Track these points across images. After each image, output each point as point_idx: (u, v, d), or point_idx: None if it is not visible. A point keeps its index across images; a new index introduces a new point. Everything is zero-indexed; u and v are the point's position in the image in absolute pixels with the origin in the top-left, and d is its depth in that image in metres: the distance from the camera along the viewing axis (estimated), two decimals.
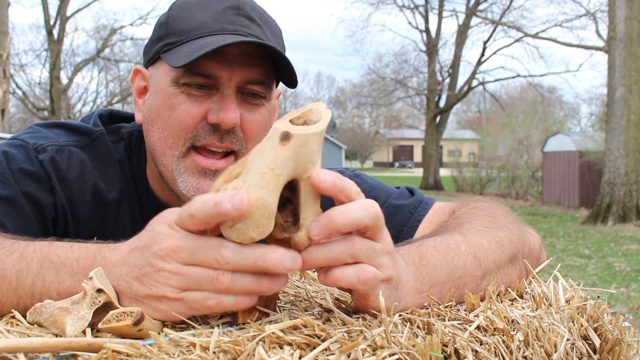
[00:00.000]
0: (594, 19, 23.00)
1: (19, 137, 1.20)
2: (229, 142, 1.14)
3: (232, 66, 1.12)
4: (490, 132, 32.04)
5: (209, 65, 1.11)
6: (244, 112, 1.15)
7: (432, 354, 0.67)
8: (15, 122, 37.96)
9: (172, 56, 1.12)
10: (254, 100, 1.17)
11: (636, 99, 13.29)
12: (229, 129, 1.13)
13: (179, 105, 1.13)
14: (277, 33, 1.21)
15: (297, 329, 0.70)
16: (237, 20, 1.14)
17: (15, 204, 1.11)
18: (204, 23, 1.13)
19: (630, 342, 0.88)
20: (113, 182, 1.22)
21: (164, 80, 1.16)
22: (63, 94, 27.59)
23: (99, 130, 1.25)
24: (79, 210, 1.19)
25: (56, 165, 1.16)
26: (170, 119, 1.14)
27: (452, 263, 0.88)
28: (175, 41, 1.14)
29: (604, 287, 6.82)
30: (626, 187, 13.36)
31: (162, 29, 1.18)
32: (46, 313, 0.72)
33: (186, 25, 1.14)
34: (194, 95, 1.14)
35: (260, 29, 1.15)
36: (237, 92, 1.15)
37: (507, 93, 45.85)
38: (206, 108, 1.13)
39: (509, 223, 1.05)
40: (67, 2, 26.02)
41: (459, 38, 29.02)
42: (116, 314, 0.69)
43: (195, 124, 1.14)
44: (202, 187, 1.14)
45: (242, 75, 1.13)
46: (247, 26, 1.14)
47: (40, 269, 0.83)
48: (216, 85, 1.13)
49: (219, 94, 1.14)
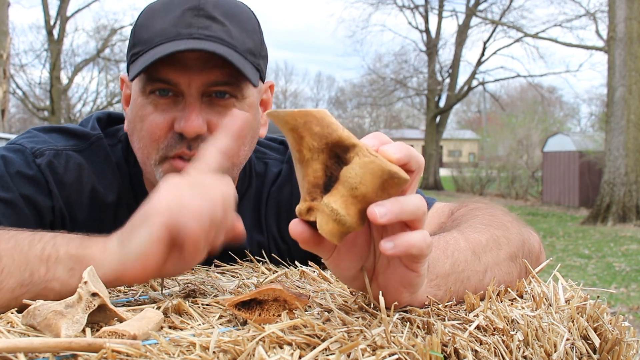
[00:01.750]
0: (594, 19, 23.00)
1: (17, 141, 1.20)
2: (198, 149, 1.11)
3: (189, 72, 1.10)
4: (490, 132, 32.06)
5: (166, 71, 1.10)
6: (212, 117, 1.13)
7: (431, 354, 0.67)
8: (15, 122, 37.97)
9: (133, 67, 1.12)
10: (222, 101, 1.14)
11: (636, 99, 13.28)
12: (194, 137, 1.11)
13: (147, 117, 1.13)
14: (249, 27, 1.17)
15: (297, 328, 0.70)
16: (195, 22, 1.11)
17: (14, 206, 1.12)
18: (162, 30, 1.11)
19: (630, 342, 0.88)
20: (111, 186, 1.22)
21: (136, 90, 1.16)
22: (63, 94, 27.59)
23: (97, 134, 1.25)
24: (76, 213, 1.20)
25: (54, 169, 1.17)
26: (142, 131, 1.14)
27: (452, 256, 0.88)
28: (138, 51, 1.13)
29: (604, 287, 6.82)
30: (626, 187, 13.36)
31: (131, 39, 1.17)
32: (40, 316, 0.72)
33: (147, 34, 1.13)
34: (161, 105, 1.13)
35: (222, 26, 1.12)
36: (203, 96, 1.13)
37: (507, 93, 45.84)
38: (172, 117, 1.12)
39: (507, 222, 1.04)
40: (67, 2, 26.02)
41: (459, 38, 29.02)
42: (108, 332, 0.68)
43: (164, 134, 1.13)
44: None
45: (202, 80, 1.11)
46: (205, 27, 1.11)
47: (54, 237, 0.86)
48: (180, 91, 1.12)
49: (184, 101, 1.12)
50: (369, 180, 0.68)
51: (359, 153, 0.68)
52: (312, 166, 0.70)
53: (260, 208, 1.32)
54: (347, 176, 0.68)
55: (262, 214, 1.32)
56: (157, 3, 1.17)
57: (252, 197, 1.32)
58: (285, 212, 1.32)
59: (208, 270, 1.13)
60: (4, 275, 0.83)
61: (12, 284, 0.83)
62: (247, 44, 1.15)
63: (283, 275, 1.06)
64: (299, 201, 0.71)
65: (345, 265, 0.78)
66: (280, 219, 1.32)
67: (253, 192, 1.32)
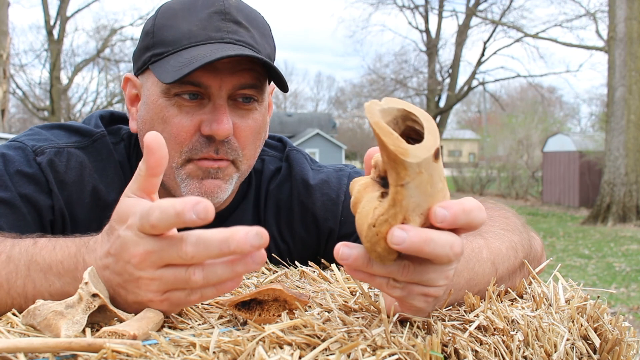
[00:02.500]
0: (594, 19, 22.98)
1: (18, 139, 1.20)
2: (224, 153, 1.13)
3: (221, 75, 1.11)
4: (490, 132, 32.05)
5: (199, 75, 1.10)
6: (237, 120, 1.14)
7: (432, 354, 0.67)
8: (15, 122, 37.95)
9: (160, 69, 1.11)
10: (246, 105, 1.15)
11: (636, 99, 13.28)
12: (223, 139, 1.12)
13: (171, 119, 1.12)
14: (266, 32, 1.19)
15: (297, 328, 0.70)
16: (223, 26, 1.11)
17: (12, 205, 1.11)
18: (190, 32, 1.11)
19: (630, 342, 0.88)
20: (113, 184, 1.22)
21: (155, 91, 1.14)
22: (63, 94, 27.58)
23: (100, 132, 1.24)
24: (77, 212, 1.19)
25: (54, 168, 1.16)
26: (164, 133, 1.12)
27: (472, 270, 0.87)
28: (162, 52, 1.12)
29: (604, 287, 6.82)
30: (626, 187, 13.36)
31: (149, 38, 1.15)
32: (40, 316, 0.72)
33: (172, 35, 1.12)
34: (186, 107, 1.12)
35: (247, 31, 1.13)
36: (229, 99, 1.13)
37: (507, 93, 45.82)
38: (199, 120, 1.12)
39: (520, 226, 1.05)
40: (67, 2, 26.00)
41: (459, 38, 29.01)
42: (108, 332, 0.68)
43: (189, 137, 1.12)
44: (206, 186, 1.14)
45: (233, 83, 1.12)
46: (234, 32, 1.12)
47: (29, 271, 0.83)
48: (207, 94, 1.12)
49: (210, 104, 1.12)
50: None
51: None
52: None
53: (259, 206, 1.32)
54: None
55: (262, 212, 1.31)
56: (175, 3, 1.16)
57: (252, 195, 1.32)
58: (285, 211, 1.31)
59: None
60: None
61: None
62: (267, 49, 1.17)
63: (283, 276, 1.05)
64: (298, 200, 0.71)
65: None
66: (279, 218, 1.31)
67: (253, 190, 1.32)
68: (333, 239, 1.29)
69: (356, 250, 0.68)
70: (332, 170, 1.34)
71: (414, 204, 0.66)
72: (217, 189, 1.14)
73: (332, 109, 54.90)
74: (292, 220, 1.31)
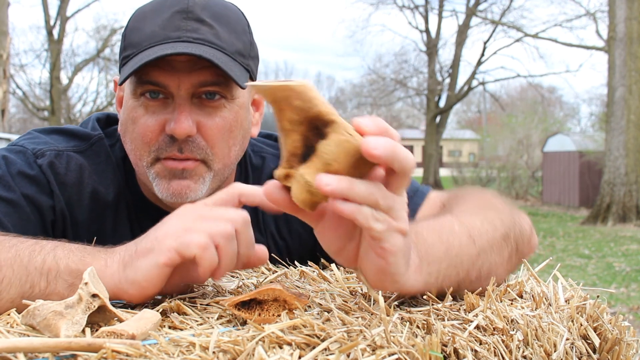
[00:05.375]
0: (594, 19, 22.97)
1: (18, 142, 1.22)
2: (189, 151, 1.13)
3: (178, 74, 1.11)
4: (490, 132, 32.05)
5: (156, 75, 1.11)
6: (202, 118, 1.14)
7: (431, 354, 0.67)
8: (15, 122, 37.94)
9: (123, 71, 1.14)
10: (212, 102, 1.14)
11: (636, 99, 13.28)
12: (186, 139, 1.13)
13: (138, 119, 1.14)
14: (238, 28, 1.18)
15: (296, 328, 0.70)
16: (183, 25, 1.12)
17: (16, 205, 1.12)
18: (152, 33, 1.12)
19: (629, 342, 0.88)
20: (112, 185, 1.23)
21: (127, 93, 1.17)
22: (63, 94, 27.57)
23: (98, 135, 1.26)
24: (77, 214, 1.20)
25: (55, 170, 1.18)
26: (134, 133, 1.15)
27: (447, 242, 0.88)
28: (129, 54, 1.14)
29: (604, 287, 6.82)
30: (626, 187, 13.35)
31: (122, 42, 1.18)
32: (39, 316, 0.72)
33: (138, 37, 1.14)
34: (151, 107, 1.13)
35: (211, 29, 1.13)
36: (193, 98, 1.13)
37: (507, 93, 45.78)
38: (163, 119, 1.13)
39: (498, 204, 1.06)
40: (67, 2, 25.99)
41: (459, 38, 29.01)
42: (106, 332, 0.68)
43: (155, 137, 1.14)
44: (173, 186, 1.14)
45: (191, 81, 1.12)
46: (193, 30, 1.12)
47: (54, 248, 0.87)
48: (170, 93, 1.13)
49: (173, 103, 1.13)
50: (343, 158, 0.71)
51: (337, 130, 0.71)
52: (291, 137, 0.73)
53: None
54: (323, 151, 0.72)
55: (260, 211, 1.31)
56: (147, 5, 1.18)
57: None
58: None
59: None
60: (4, 285, 0.84)
61: (12, 295, 0.84)
62: (235, 45, 1.15)
63: (283, 275, 1.06)
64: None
65: (329, 238, 0.81)
66: (278, 216, 1.32)
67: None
68: None
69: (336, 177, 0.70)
70: None
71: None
72: (185, 189, 1.14)
73: None
74: (290, 217, 1.31)
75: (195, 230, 0.83)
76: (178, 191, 1.14)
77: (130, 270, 0.83)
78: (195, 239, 0.82)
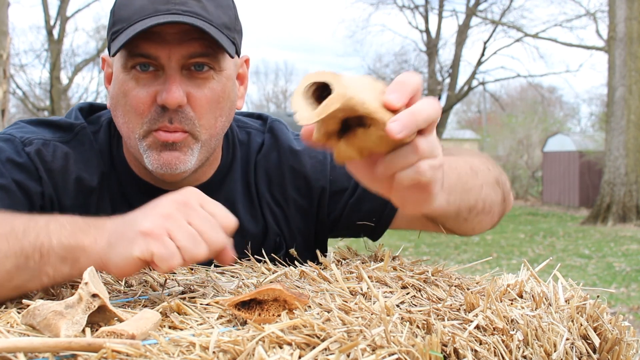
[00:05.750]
0: (594, 19, 22.97)
1: (6, 132, 1.26)
2: (178, 122, 1.16)
3: (169, 45, 1.14)
4: (490, 132, 32.05)
5: (147, 46, 1.14)
6: (192, 89, 1.17)
7: (431, 354, 0.67)
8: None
9: (113, 45, 1.17)
10: (201, 74, 1.17)
11: (636, 99, 13.28)
12: (176, 109, 1.16)
13: (130, 92, 1.17)
14: (222, 3, 1.21)
15: (296, 328, 0.70)
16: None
17: (8, 190, 1.16)
18: (141, 8, 1.15)
19: (629, 342, 0.88)
20: (96, 172, 1.27)
21: (117, 67, 1.20)
22: (63, 94, 27.56)
23: (80, 124, 1.30)
24: (63, 199, 1.25)
25: (42, 157, 1.22)
26: (126, 105, 1.18)
27: (457, 170, 1.01)
28: (119, 29, 1.17)
29: (604, 287, 6.81)
30: (626, 187, 13.35)
31: (111, 18, 1.21)
32: (39, 316, 0.72)
33: (127, 12, 1.17)
34: (142, 79, 1.16)
35: (198, 2, 1.16)
36: (183, 69, 1.17)
37: (507, 93, 45.76)
38: (154, 91, 1.16)
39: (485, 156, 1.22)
40: (67, 3, 25.99)
41: (459, 38, 29.01)
42: (106, 332, 0.68)
43: (147, 108, 1.17)
44: (163, 157, 1.18)
45: (181, 53, 1.15)
46: (182, 3, 1.15)
47: (47, 223, 0.92)
48: (160, 65, 1.16)
49: (164, 74, 1.16)
50: (384, 147, 0.81)
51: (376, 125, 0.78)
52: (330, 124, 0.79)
53: (249, 177, 1.36)
54: (366, 140, 0.79)
55: (252, 182, 1.35)
56: None
57: (239, 166, 1.36)
58: (276, 178, 1.35)
59: (208, 270, 1.13)
60: (1, 257, 0.89)
61: (9, 267, 0.89)
62: (222, 18, 1.18)
63: (283, 275, 1.06)
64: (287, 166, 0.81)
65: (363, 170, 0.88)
66: (271, 185, 1.36)
67: (239, 161, 1.36)
68: (325, 198, 1.35)
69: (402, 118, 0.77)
70: None
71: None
72: (175, 160, 1.17)
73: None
74: (284, 184, 1.35)
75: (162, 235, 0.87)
76: (168, 162, 1.17)
77: (112, 253, 0.89)
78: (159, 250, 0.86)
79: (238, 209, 1.32)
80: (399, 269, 1.09)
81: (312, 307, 0.82)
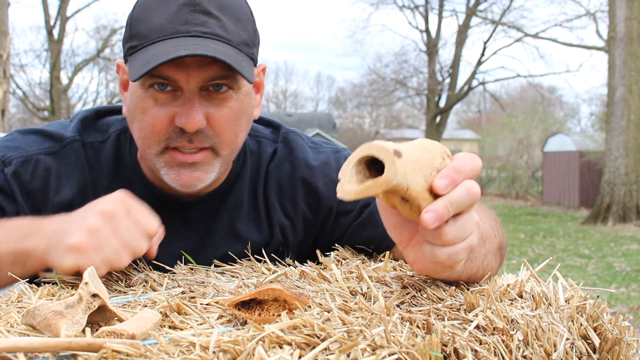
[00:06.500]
0: (594, 19, 22.97)
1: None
2: (199, 141, 1.16)
3: (188, 69, 1.13)
4: (490, 132, 32.04)
5: (165, 69, 1.12)
6: (211, 110, 1.16)
7: (431, 354, 0.67)
8: (15, 122, 37.90)
9: (131, 64, 1.16)
10: (220, 94, 1.16)
11: (636, 99, 13.28)
12: (195, 131, 1.15)
13: (148, 110, 1.16)
14: (242, 16, 1.19)
15: (296, 328, 0.70)
16: (190, 19, 1.13)
17: None
18: (160, 26, 1.13)
19: (629, 342, 0.88)
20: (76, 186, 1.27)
21: (134, 82, 1.18)
22: (63, 94, 27.56)
23: (71, 137, 1.29)
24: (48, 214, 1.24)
25: (19, 178, 1.24)
26: (143, 122, 1.17)
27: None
28: (136, 45, 1.15)
29: (604, 287, 6.81)
30: (626, 187, 13.36)
31: (127, 30, 1.20)
32: (39, 316, 0.72)
33: (144, 29, 1.15)
34: (161, 99, 1.15)
35: (217, 21, 1.14)
36: (201, 90, 1.15)
37: (507, 93, 45.75)
38: (173, 111, 1.15)
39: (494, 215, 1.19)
40: (67, 3, 25.99)
41: (459, 38, 29.00)
42: (106, 332, 0.68)
43: (165, 128, 1.16)
44: (183, 178, 1.18)
45: (201, 77, 1.13)
46: (201, 23, 1.13)
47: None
48: (179, 86, 1.14)
49: (182, 96, 1.15)
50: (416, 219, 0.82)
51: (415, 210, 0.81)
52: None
53: (257, 185, 1.35)
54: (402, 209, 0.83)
55: (260, 191, 1.35)
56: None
57: (249, 175, 1.35)
58: (288, 189, 1.35)
59: (208, 270, 1.13)
60: None
61: None
62: (241, 35, 1.17)
63: (283, 275, 1.06)
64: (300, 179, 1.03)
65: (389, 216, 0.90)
66: (282, 195, 1.35)
67: (249, 170, 1.35)
68: (331, 217, 1.36)
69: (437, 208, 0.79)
70: (330, 151, 1.40)
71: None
72: (196, 181, 1.18)
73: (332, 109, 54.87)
74: (295, 197, 1.35)
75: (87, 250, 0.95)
76: (188, 182, 1.18)
77: (50, 258, 0.98)
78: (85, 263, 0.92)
79: (242, 217, 1.32)
80: (399, 269, 1.09)
81: (312, 307, 0.82)
